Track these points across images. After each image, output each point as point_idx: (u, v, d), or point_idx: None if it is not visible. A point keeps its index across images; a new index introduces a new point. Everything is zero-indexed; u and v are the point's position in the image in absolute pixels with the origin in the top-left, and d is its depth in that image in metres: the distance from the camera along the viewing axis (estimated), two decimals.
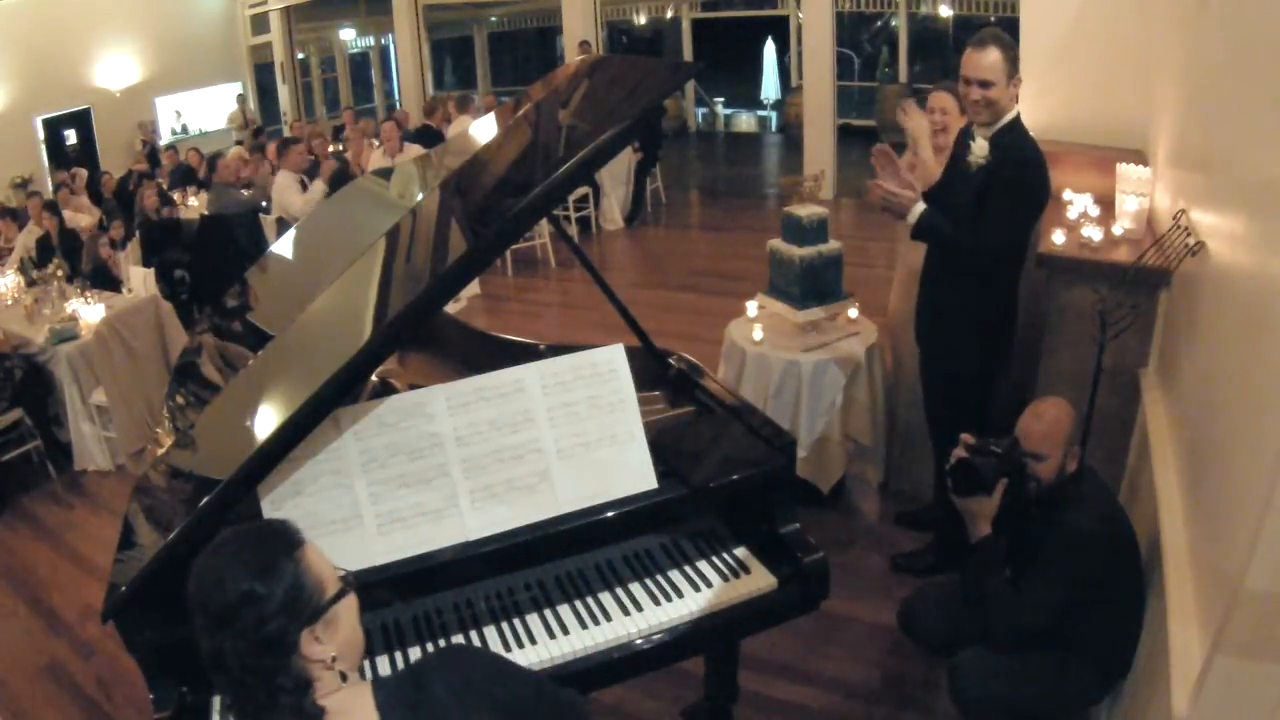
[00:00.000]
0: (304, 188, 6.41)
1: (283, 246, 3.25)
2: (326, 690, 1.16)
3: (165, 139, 11.18)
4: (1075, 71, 3.90)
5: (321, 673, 1.16)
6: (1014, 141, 2.72)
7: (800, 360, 3.51)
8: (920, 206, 2.79)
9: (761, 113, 13.70)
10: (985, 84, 2.66)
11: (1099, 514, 2.21)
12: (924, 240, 2.89)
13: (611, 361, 2.11)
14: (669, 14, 13.32)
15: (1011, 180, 2.68)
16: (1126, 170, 3.22)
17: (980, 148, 2.75)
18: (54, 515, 4.56)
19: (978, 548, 2.30)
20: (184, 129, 11.75)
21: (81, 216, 7.42)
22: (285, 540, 1.17)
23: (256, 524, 1.23)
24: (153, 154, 10.33)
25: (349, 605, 1.21)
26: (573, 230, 7.64)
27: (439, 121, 8.46)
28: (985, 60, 2.64)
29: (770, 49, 13.18)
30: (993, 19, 10.02)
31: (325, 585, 1.17)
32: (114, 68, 11.21)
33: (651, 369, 2.49)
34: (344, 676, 1.19)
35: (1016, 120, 2.75)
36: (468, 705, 1.21)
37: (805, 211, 3.57)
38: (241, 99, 12.68)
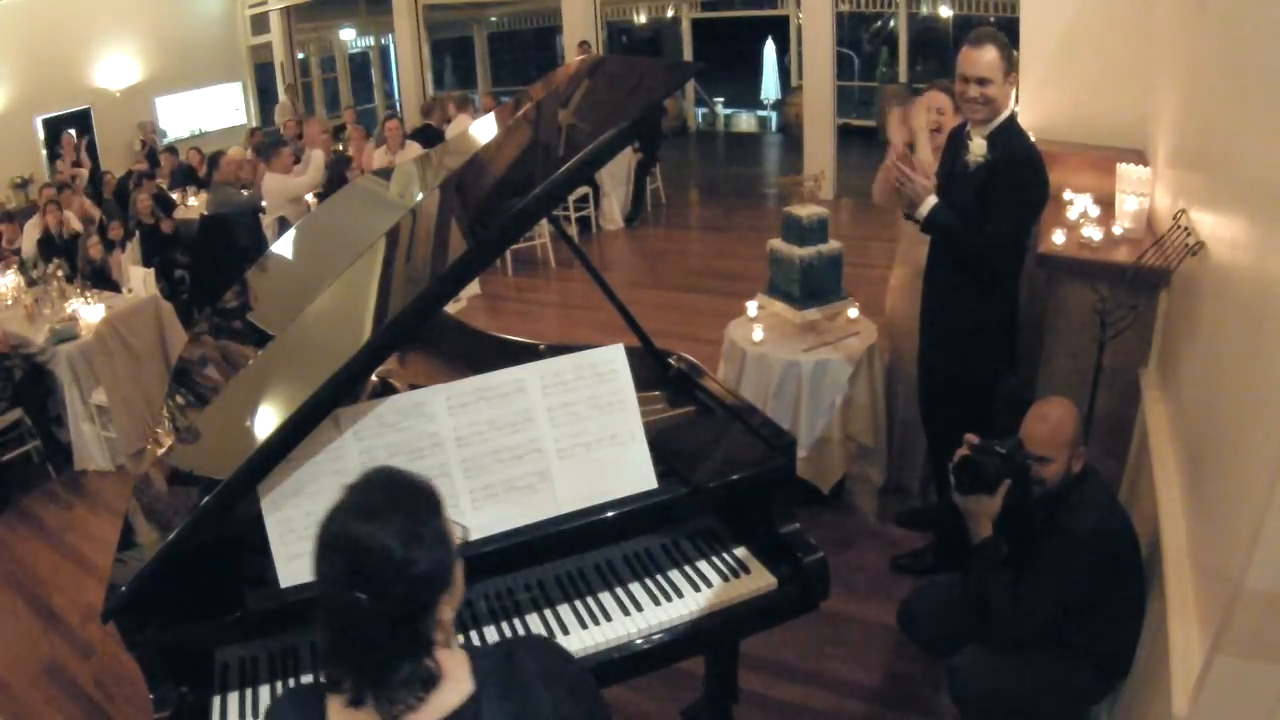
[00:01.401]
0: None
1: (283, 246, 3.25)
2: (438, 659, 1.15)
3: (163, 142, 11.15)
4: (1075, 71, 3.91)
5: (439, 634, 1.15)
6: (1011, 140, 2.73)
7: (800, 360, 3.51)
8: (933, 199, 2.79)
9: (761, 113, 13.69)
10: (983, 81, 2.67)
11: (1101, 516, 2.21)
12: (933, 234, 2.89)
13: (611, 361, 2.11)
14: (669, 14, 13.32)
15: (1012, 179, 2.68)
16: (1126, 170, 3.22)
17: (978, 146, 2.75)
18: (54, 515, 4.56)
19: (979, 549, 2.30)
20: (165, 133, 11.58)
21: (84, 206, 7.44)
22: (432, 503, 1.15)
23: (400, 481, 1.17)
24: (151, 154, 10.33)
25: (461, 564, 1.20)
26: (573, 230, 7.63)
27: (439, 122, 8.46)
28: (983, 58, 2.66)
29: (770, 49, 13.18)
30: (992, 19, 10.02)
31: (454, 547, 1.17)
32: (114, 68, 11.20)
33: (651, 369, 2.49)
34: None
35: (1012, 119, 2.76)
36: (551, 682, 1.21)
37: (805, 211, 3.57)
38: (291, 89, 12.45)
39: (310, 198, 6.90)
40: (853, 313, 3.73)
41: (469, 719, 1.13)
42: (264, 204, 6.78)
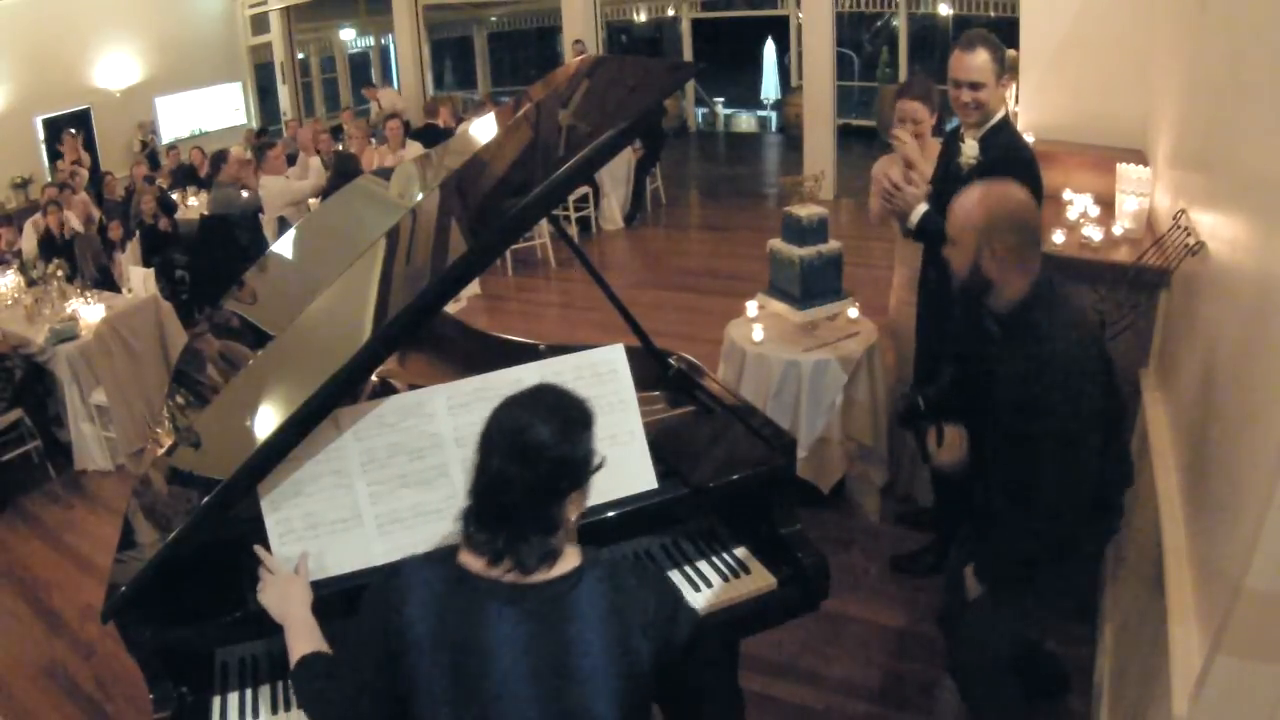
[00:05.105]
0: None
1: (283, 246, 3.25)
2: (560, 541, 1.43)
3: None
4: (1075, 71, 3.91)
5: (565, 526, 1.43)
6: (1005, 141, 2.72)
7: (800, 360, 3.51)
8: (923, 206, 2.79)
9: (761, 113, 13.69)
10: (975, 85, 2.67)
11: (1065, 337, 2.00)
12: (924, 240, 2.89)
13: (611, 362, 2.11)
14: (669, 14, 13.32)
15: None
16: (1126, 170, 3.22)
17: (970, 148, 2.76)
18: (54, 515, 4.56)
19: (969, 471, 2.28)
20: (161, 136, 11.47)
21: (85, 205, 7.44)
22: (588, 419, 1.44)
23: (567, 394, 1.46)
24: (152, 155, 10.33)
25: (588, 487, 1.47)
26: (573, 230, 7.63)
27: (444, 123, 8.46)
28: (975, 62, 2.65)
29: (770, 49, 13.18)
30: (993, 15, 10.04)
31: (593, 463, 1.44)
32: (114, 68, 11.20)
33: (651, 369, 2.49)
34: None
35: (1005, 120, 2.76)
36: (646, 582, 1.48)
37: (805, 211, 3.57)
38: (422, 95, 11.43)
39: (311, 200, 6.90)
40: (853, 313, 3.73)
41: (572, 583, 1.41)
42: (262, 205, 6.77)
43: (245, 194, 6.84)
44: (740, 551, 2.20)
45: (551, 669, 1.38)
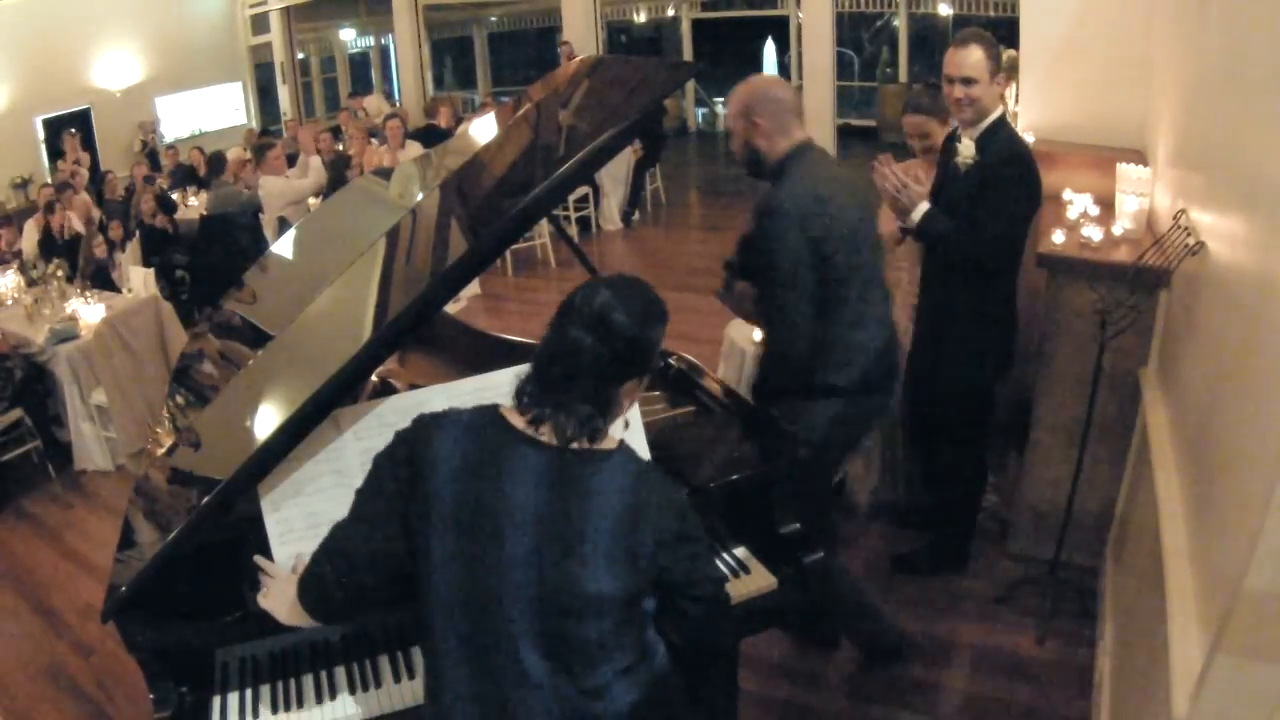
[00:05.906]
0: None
1: (283, 246, 3.25)
2: (605, 424, 1.50)
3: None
4: (1075, 71, 3.90)
5: (616, 409, 1.51)
6: (1001, 141, 2.72)
7: None
8: (925, 205, 2.79)
9: None
10: (968, 81, 2.67)
11: (789, 186, 2.34)
12: (924, 240, 2.89)
13: None
14: (669, 14, 13.32)
15: (1003, 180, 2.68)
16: (1126, 170, 3.21)
17: (967, 148, 2.75)
18: (54, 515, 4.56)
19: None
20: (164, 136, 11.41)
21: (85, 205, 7.44)
22: (662, 318, 1.53)
23: (650, 288, 1.55)
24: (152, 154, 10.33)
25: (644, 383, 1.56)
26: (573, 230, 7.63)
27: (443, 123, 8.46)
28: (968, 59, 2.66)
29: (770, 49, 13.18)
30: (993, 14, 10.04)
31: (656, 359, 1.55)
32: (114, 68, 11.21)
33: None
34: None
35: (1002, 119, 2.75)
36: (669, 490, 1.54)
37: None
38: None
39: (311, 199, 6.90)
40: None
41: (602, 459, 1.47)
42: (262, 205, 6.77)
43: (246, 191, 6.85)
44: (740, 551, 2.20)
45: (556, 533, 1.43)
